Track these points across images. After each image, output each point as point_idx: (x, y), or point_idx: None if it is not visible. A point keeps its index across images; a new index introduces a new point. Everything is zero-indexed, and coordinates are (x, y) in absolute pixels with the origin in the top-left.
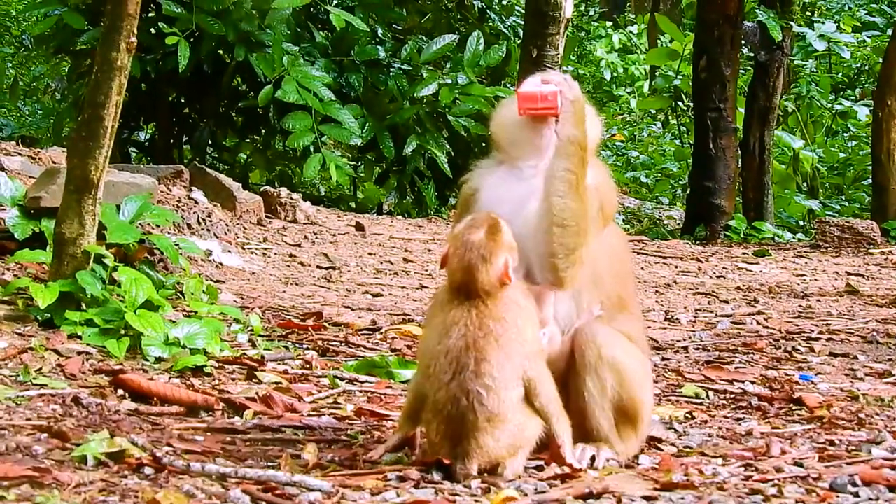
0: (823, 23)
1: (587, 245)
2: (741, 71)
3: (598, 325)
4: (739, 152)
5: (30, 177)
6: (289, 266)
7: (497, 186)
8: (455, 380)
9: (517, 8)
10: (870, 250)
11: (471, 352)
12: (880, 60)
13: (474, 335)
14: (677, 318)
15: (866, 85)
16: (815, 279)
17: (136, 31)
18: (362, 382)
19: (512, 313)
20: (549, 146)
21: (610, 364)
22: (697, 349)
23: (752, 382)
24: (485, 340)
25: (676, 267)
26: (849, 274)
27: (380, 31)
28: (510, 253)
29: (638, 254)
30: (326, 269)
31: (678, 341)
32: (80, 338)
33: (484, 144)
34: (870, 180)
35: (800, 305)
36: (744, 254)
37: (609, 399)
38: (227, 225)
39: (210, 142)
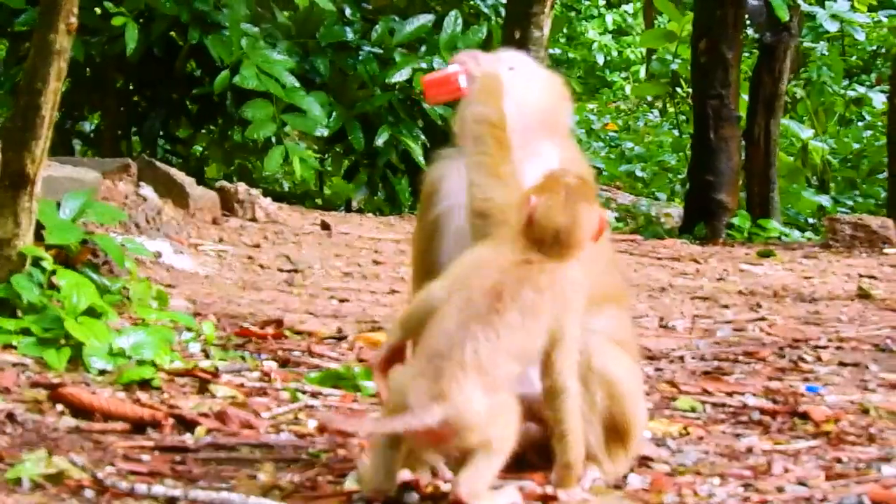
0: (836, 1)
1: None
2: (745, 54)
3: (589, 334)
4: (743, 143)
5: None
6: (247, 269)
7: (460, 176)
8: (459, 315)
9: None
10: (884, 250)
11: (489, 298)
12: None
13: (503, 285)
14: (673, 325)
15: (882, 69)
16: (825, 282)
17: (76, 11)
18: (326, 396)
19: (557, 292)
20: None
21: (600, 376)
22: (694, 359)
23: (754, 395)
24: (510, 296)
25: (673, 269)
26: (861, 276)
27: (348, 11)
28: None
29: (630, 255)
30: (288, 272)
31: (673, 350)
32: (14, 348)
33: None
34: (885, 174)
35: (807, 311)
36: (747, 254)
37: (598, 414)
38: (178, 224)
39: (161, 133)
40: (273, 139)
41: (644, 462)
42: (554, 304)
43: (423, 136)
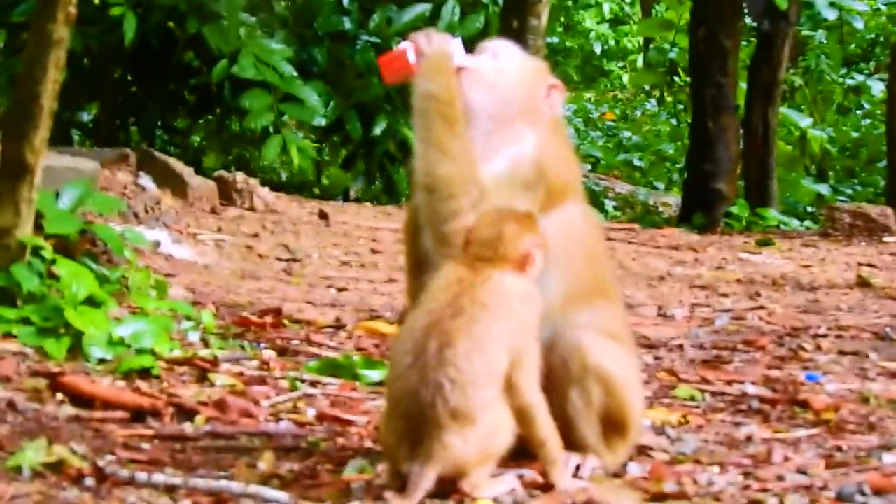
0: None
1: (469, 211)
2: (743, 43)
3: (582, 331)
4: (741, 132)
5: None
6: (245, 258)
7: None
8: (414, 366)
9: None
10: (884, 239)
11: (434, 334)
12: None
13: (442, 313)
14: (671, 314)
15: (881, 58)
16: (824, 270)
17: (75, 1)
18: (325, 385)
19: (502, 306)
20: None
21: (596, 373)
22: (693, 347)
23: (753, 383)
24: (453, 322)
25: (671, 258)
26: (860, 265)
27: (345, 0)
28: (540, 247)
29: (629, 243)
30: (287, 261)
31: (672, 339)
32: (15, 337)
33: None
34: (885, 162)
35: (806, 299)
36: (745, 243)
37: (595, 411)
38: (177, 213)
39: (160, 123)
40: (271, 129)
41: (643, 451)
42: (505, 322)
43: None
